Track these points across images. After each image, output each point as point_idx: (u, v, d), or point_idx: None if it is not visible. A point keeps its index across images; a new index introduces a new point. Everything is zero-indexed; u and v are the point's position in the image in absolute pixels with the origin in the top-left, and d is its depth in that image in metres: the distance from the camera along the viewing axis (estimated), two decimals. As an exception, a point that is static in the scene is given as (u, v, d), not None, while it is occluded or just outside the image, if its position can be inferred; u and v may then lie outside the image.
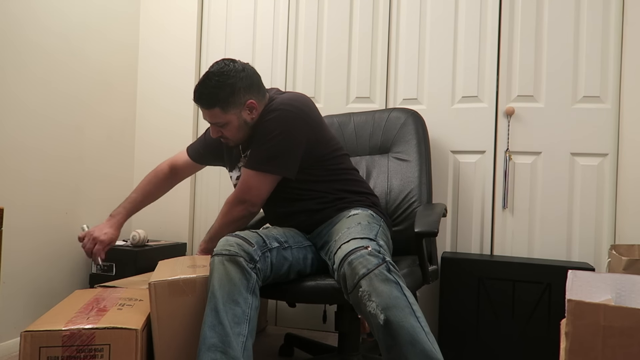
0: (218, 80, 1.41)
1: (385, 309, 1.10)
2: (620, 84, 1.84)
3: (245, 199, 1.45)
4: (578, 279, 1.13)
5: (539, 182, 1.92)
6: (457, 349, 1.79)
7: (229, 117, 1.44)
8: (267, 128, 1.42)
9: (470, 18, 2.01)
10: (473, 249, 1.98)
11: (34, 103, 1.81)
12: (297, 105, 1.44)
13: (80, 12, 2.01)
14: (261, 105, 1.48)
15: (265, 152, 1.43)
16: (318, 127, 1.49)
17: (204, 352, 1.18)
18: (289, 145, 1.43)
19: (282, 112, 1.42)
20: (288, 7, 2.24)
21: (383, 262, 1.16)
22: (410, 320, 1.10)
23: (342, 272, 1.19)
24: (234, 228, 1.47)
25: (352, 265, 1.16)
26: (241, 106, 1.44)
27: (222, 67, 1.43)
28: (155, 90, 2.36)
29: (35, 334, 1.20)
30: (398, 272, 1.18)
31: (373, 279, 1.13)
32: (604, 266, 1.80)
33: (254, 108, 1.46)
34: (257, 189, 1.44)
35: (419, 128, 1.79)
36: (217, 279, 1.24)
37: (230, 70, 1.43)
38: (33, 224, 1.82)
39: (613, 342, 0.93)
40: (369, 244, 1.20)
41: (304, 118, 1.44)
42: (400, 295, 1.12)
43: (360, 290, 1.14)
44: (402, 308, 1.11)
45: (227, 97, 1.42)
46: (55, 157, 1.91)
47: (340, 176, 1.53)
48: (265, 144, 1.42)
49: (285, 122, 1.42)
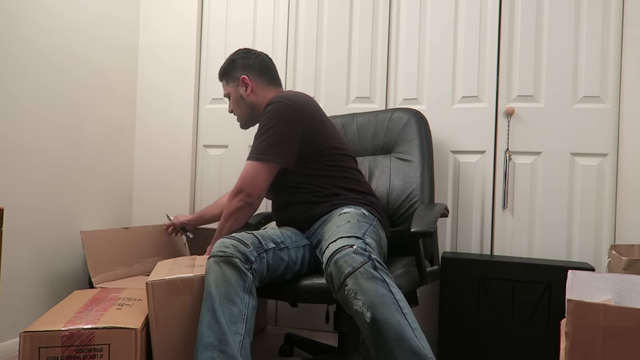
0: (228, 58, 1.67)
1: (372, 307, 1.10)
2: (620, 84, 1.84)
3: (242, 189, 1.48)
4: (578, 279, 1.13)
5: (539, 182, 1.92)
6: (457, 349, 1.79)
7: (229, 89, 1.66)
8: (264, 120, 1.51)
9: (470, 18, 2.00)
10: (473, 249, 1.98)
11: (34, 104, 1.81)
12: (293, 99, 1.52)
13: (80, 14, 2.01)
14: (259, 87, 1.63)
15: (261, 142, 1.48)
16: (315, 122, 1.53)
17: (202, 351, 1.18)
18: (284, 135, 1.48)
19: (276, 105, 1.50)
20: (288, 7, 2.24)
21: (369, 259, 1.16)
22: (396, 317, 1.10)
23: (329, 272, 1.19)
24: (233, 221, 1.51)
25: (338, 264, 1.17)
26: (237, 80, 1.63)
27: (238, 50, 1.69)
28: (155, 92, 2.36)
29: (35, 334, 1.20)
30: (385, 269, 1.18)
31: (359, 277, 1.13)
32: (604, 266, 1.80)
33: (247, 85, 1.62)
34: (254, 179, 1.47)
35: (422, 128, 1.78)
36: (214, 280, 1.24)
37: (240, 51, 1.68)
38: (33, 224, 1.82)
39: (613, 342, 0.93)
40: (354, 242, 1.20)
41: (299, 110, 1.50)
42: (386, 293, 1.12)
43: (346, 289, 1.14)
44: (389, 305, 1.11)
45: (228, 70, 1.66)
46: (55, 157, 1.91)
47: (338, 173, 1.54)
48: (262, 135, 1.49)
49: (279, 113, 1.49)
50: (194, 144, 2.34)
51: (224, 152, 2.31)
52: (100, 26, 2.12)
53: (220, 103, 2.32)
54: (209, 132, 2.33)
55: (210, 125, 2.33)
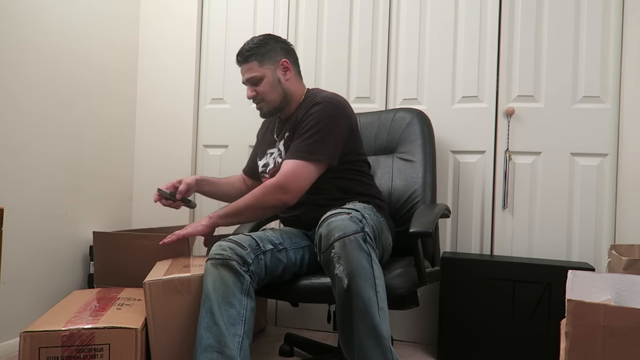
0: (259, 39, 1.55)
1: (350, 276, 1.15)
2: (620, 84, 1.84)
3: (289, 187, 1.40)
4: (578, 279, 1.13)
5: (539, 182, 1.92)
6: (457, 348, 1.79)
7: (264, 71, 1.52)
8: (313, 119, 1.46)
9: (470, 18, 2.00)
10: (473, 249, 1.98)
11: (34, 104, 1.81)
12: (340, 101, 1.52)
13: (80, 14, 2.01)
14: (294, 76, 1.57)
15: (313, 143, 1.43)
16: (353, 126, 1.54)
17: (201, 353, 1.18)
18: (334, 137, 1.46)
19: (326, 105, 1.47)
20: (288, 7, 2.24)
21: (361, 231, 1.18)
22: (369, 293, 1.14)
23: (320, 233, 1.21)
24: (262, 214, 1.47)
25: (331, 226, 1.19)
26: (276, 63, 1.53)
27: (264, 34, 1.58)
28: (154, 91, 2.36)
29: (35, 334, 1.20)
30: (373, 245, 1.21)
31: (347, 244, 1.16)
32: (604, 266, 1.80)
33: (287, 69, 1.54)
34: (304, 179, 1.42)
35: (425, 128, 1.77)
36: (211, 282, 1.25)
37: (271, 35, 1.58)
38: (33, 224, 1.82)
39: (613, 342, 0.93)
40: (352, 212, 1.23)
41: (347, 114, 1.51)
42: (367, 267, 1.16)
43: (332, 252, 1.17)
44: (366, 279, 1.15)
45: (265, 51, 1.52)
46: (55, 157, 1.91)
47: (355, 176, 1.54)
48: (313, 134, 1.44)
49: (329, 114, 1.46)
50: (194, 144, 2.34)
51: (224, 152, 2.31)
52: (100, 26, 2.12)
53: (220, 103, 2.32)
54: (209, 132, 2.33)
55: (210, 125, 2.33)
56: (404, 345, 2.00)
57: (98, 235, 1.81)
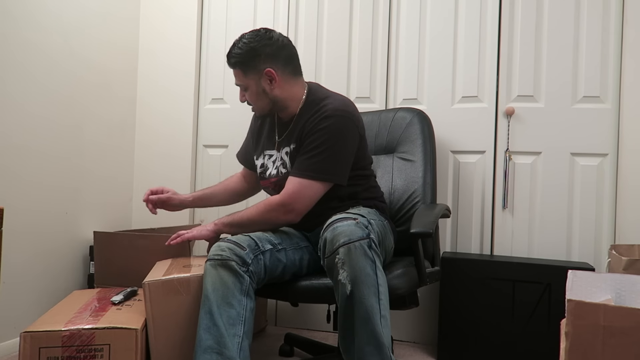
0: (245, 43, 1.43)
1: (354, 282, 1.15)
2: (620, 84, 1.84)
3: (293, 208, 1.37)
4: (578, 279, 1.13)
5: (539, 182, 1.92)
6: (457, 349, 1.79)
7: (248, 82, 1.45)
8: (322, 136, 1.38)
9: (470, 18, 2.00)
10: (473, 249, 1.98)
11: (34, 104, 1.81)
12: (350, 111, 1.43)
13: (80, 14, 2.01)
14: (284, 81, 1.45)
15: (321, 161, 1.37)
16: (362, 132, 1.49)
17: (200, 355, 1.18)
18: (344, 154, 1.41)
19: (338, 120, 1.39)
20: (288, 7, 2.24)
21: (367, 237, 1.18)
22: (371, 300, 1.15)
23: (324, 237, 1.21)
24: (264, 229, 1.42)
25: (336, 231, 1.19)
26: (260, 73, 1.42)
27: (253, 32, 1.45)
28: (155, 92, 2.36)
29: (35, 334, 1.20)
30: (378, 251, 1.20)
31: (352, 250, 1.16)
32: (604, 266, 1.80)
33: (272, 79, 1.43)
34: (309, 199, 1.38)
35: (425, 128, 1.77)
36: (210, 283, 1.24)
37: (258, 35, 1.43)
38: (33, 224, 1.82)
39: (613, 342, 0.93)
40: (358, 218, 1.22)
41: (357, 125, 1.44)
42: (371, 274, 1.16)
43: (337, 257, 1.17)
44: (369, 287, 1.15)
45: (248, 60, 1.42)
46: (55, 157, 1.91)
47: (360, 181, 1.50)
48: (322, 152, 1.37)
49: (339, 130, 1.39)
50: (194, 144, 2.34)
51: (224, 152, 2.31)
52: (100, 26, 2.12)
53: (221, 103, 2.32)
54: (209, 132, 2.33)
55: (210, 125, 2.33)
56: (404, 345, 2.00)
57: (98, 235, 1.81)
